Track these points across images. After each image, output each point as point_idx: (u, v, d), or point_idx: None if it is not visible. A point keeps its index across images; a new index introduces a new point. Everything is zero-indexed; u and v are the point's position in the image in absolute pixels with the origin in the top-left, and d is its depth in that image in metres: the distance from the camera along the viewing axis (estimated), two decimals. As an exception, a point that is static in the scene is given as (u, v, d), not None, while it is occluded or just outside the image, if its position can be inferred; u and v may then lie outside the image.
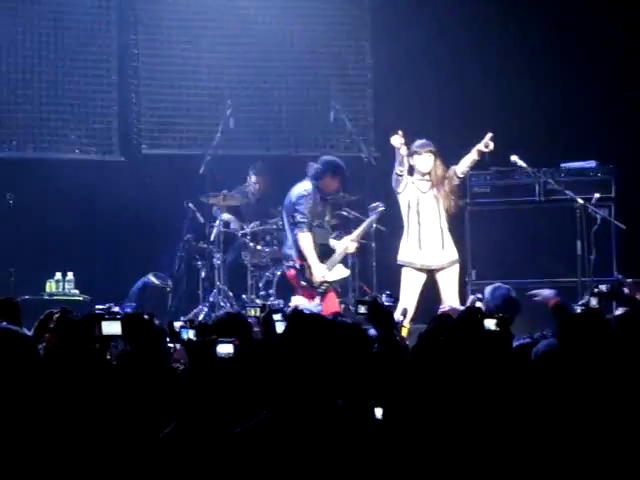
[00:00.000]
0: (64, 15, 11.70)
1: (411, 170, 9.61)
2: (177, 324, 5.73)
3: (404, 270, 9.64)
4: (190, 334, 5.38)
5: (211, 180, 10.94)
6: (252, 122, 12.10)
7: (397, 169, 9.51)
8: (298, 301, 9.32)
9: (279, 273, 10.53)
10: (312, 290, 9.92)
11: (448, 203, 9.59)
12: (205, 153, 11.12)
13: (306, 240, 9.88)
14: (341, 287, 10.67)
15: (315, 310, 6.85)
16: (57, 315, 5.69)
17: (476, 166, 10.21)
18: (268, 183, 11.51)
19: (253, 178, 11.56)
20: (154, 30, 12.01)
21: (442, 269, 9.58)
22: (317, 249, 9.96)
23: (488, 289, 7.19)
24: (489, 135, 9.43)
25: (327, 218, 10.14)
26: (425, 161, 9.59)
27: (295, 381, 3.42)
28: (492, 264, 10.62)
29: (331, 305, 9.78)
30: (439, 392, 3.89)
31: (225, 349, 4.48)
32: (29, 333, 4.86)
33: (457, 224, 10.35)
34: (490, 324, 4.80)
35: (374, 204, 10.20)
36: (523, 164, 10.04)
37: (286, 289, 10.29)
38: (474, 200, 10.88)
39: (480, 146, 9.49)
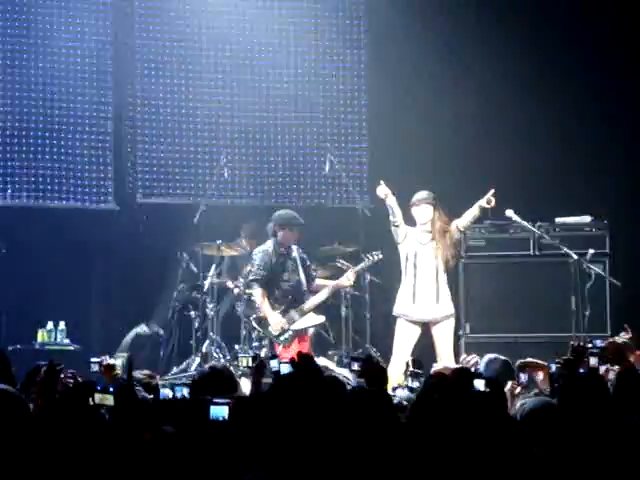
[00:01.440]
0: (61, 63, 11.73)
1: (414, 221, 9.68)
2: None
3: (398, 321, 9.64)
4: (184, 392, 5.32)
5: (205, 230, 10.92)
6: (247, 172, 12.12)
7: (391, 219, 9.57)
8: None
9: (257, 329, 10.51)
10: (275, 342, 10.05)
11: (448, 255, 9.61)
12: (200, 202, 11.11)
13: (258, 295, 10.09)
14: (335, 339, 10.65)
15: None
16: (45, 369, 5.62)
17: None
18: (256, 244, 11.48)
19: (244, 242, 11.53)
20: (150, 80, 12.05)
21: (437, 323, 9.56)
22: (282, 300, 10.10)
23: (484, 360, 7.12)
24: (491, 191, 9.51)
25: (288, 275, 10.18)
26: (423, 213, 9.64)
27: (283, 439, 3.40)
28: (486, 318, 10.59)
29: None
30: (433, 451, 3.87)
31: (219, 411, 4.43)
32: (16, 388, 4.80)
33: (451, 277, 10.34)
34: (479, 385, 4.78)
35: (373, 252, 10.21)
36: (518, 218, 10.06)
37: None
38: (469, 253, 10.87)
39: (482, 202, 9.57)
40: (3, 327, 10.38)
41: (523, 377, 6.09)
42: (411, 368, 6.47)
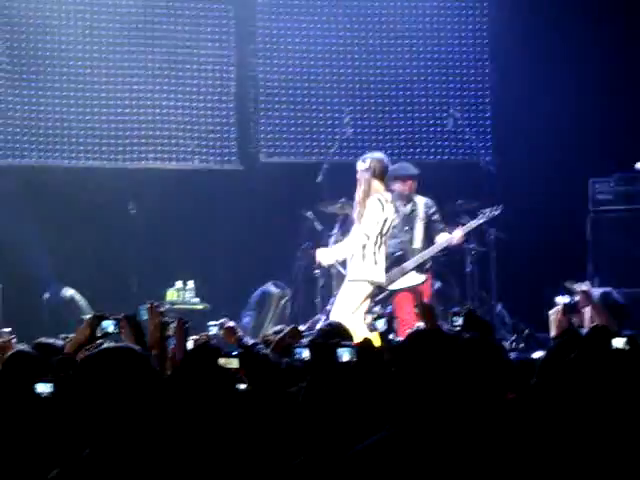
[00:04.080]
0: (185, 25, 11.85)
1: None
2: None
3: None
4: (305, 354, 5.31)
5: (329, 188, 10.92)
6: (370, 130, 12.08)
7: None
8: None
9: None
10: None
11: None
12: (323, 161, 11.13)
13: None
14: (462, 296, 10.51)
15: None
16: (174, 324, 5.70)
17: (600, 172, 10.05)
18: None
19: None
20: (272, 39, 12.08)
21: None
22: (389, 258, 9.68)
23: (598, 293, 6.95)
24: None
25: (399, 231, 9.86)
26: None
27: (419, 395, 3.37)
28: (615, 272, 10.37)
29: (400, 309, 9.45)
30: (565, 412, 3.78)
31: (345, 356, 4.47)
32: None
33: (579, 230, 10.21)
34: (618, 343, 4.65)
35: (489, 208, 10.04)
36: (646, 170, 9.83)
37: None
38: (596, 208, 10.66)
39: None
40: (135, 286, 10.58)
41: None
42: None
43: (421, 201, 10.08)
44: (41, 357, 5.09)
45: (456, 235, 9.87)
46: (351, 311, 9.04)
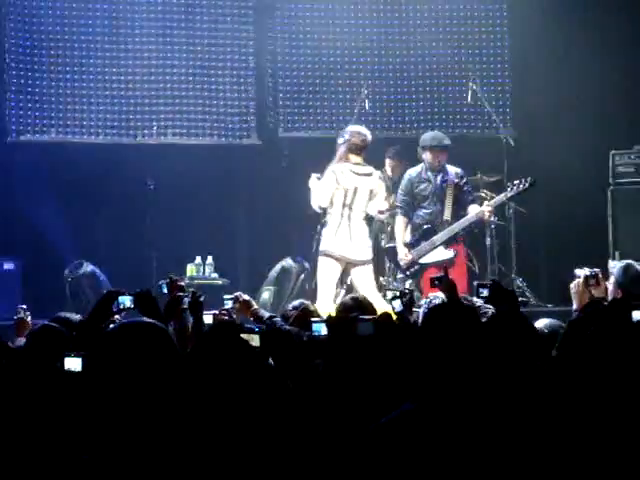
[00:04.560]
0: (204, 1, 11.83)
1: None
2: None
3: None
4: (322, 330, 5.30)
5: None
6: (388, 104, 12.04)
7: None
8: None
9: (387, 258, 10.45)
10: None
11: None
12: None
13: (397, 223, 9.96)
14: (479, 268, 10.51)
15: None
16: (188, 298, 5.70)
17: (619, 145, 9.99)
18: (403, 167, 11.41)
19: (390, 162, 11.46)
20: (290, 13, 12.04)
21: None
22: (418, 230, 9.84)
23: (619, 266, 6.87)
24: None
25: (429, 202, 9.84)
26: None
27: (441, 369, 3.36)
28: (637, 246, 10.31)
29: (426, 285, 9.43)
30: (586, 387, 3.76)
31: (366, 328, 4.47)
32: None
33: (600, 204, 10.17)
34: (639, 315, 4.63)
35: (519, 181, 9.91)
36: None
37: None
38: (617, 180, 10.60)
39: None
40: (154, 262, 10.60)
41: None
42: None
43: (452, 170, 9.93)
44: (67, 332, 5.11)
45: (486, 209, 9.80)
46: (322, 286, 9.04)
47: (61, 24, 11.57)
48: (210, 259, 10.97)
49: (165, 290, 5.82)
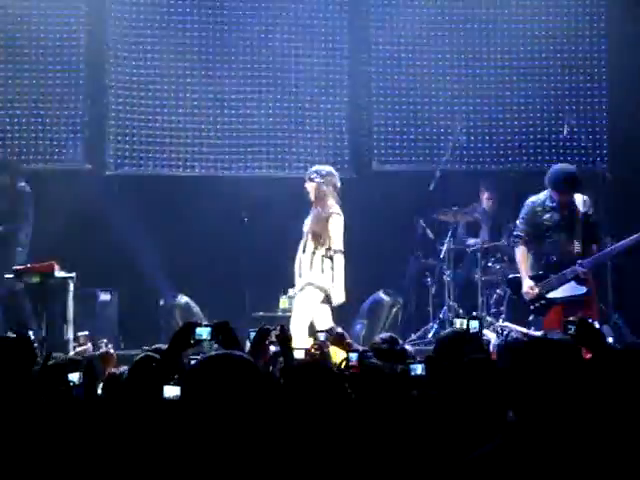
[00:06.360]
0: (297, 34, 11.94)
1: None
2: None
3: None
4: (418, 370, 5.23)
5: (441, 196, 10.88)
6: (482, 137, 11.99)
7: None
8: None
9: (510, 291, 10.28)
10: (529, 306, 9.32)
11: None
12: (435, 169, 11.10)
13: (518, 254, 9.36)
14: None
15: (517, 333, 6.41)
16: (276, 332, 5.70)
17: None
18: (499, 199, 11.34)
19: (485, 194, 11.40)
20: (385, 47, 12.08)
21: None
22: (540, 262, 9.27)
23: None
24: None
25: (554, 233, 9.14)
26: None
27: (527, 406, 3.33)
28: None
29: (550, 323, 8.91)
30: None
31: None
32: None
33: None
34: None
35: None
36: None
37: (517, 307, 10.05)
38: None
39: None
40: (247, 295, 10.66)
41: None
42: None
43: (579, 198, 9.22)
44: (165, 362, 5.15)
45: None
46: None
47: (159, 59, 11.78)
48: (303, 291, 10.97)
49: (252, 337, 5.83)
